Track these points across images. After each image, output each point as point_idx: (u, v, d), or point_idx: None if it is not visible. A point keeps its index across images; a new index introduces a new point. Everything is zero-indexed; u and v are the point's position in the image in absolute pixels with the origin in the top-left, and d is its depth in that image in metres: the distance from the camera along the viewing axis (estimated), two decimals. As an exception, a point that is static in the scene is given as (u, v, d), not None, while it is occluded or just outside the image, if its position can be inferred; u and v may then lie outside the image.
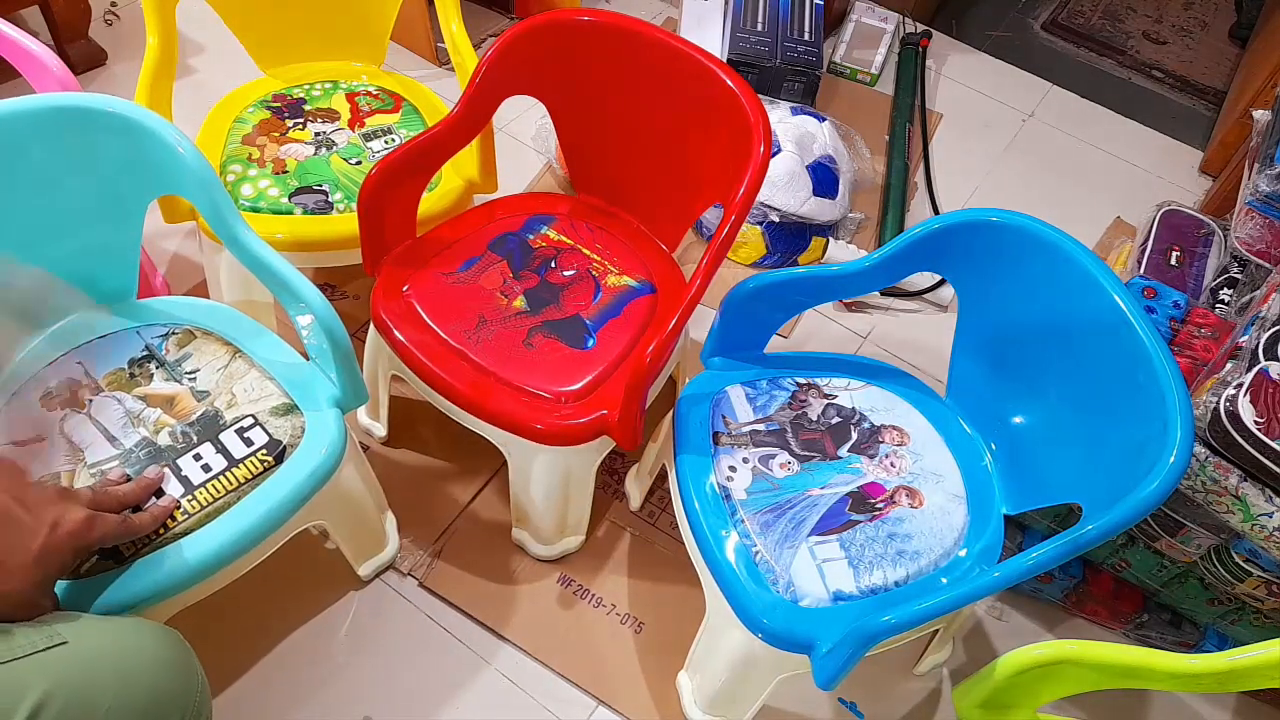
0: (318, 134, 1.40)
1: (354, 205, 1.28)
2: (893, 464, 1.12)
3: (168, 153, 0.98)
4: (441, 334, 1.17)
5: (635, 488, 1.42)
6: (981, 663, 1.06)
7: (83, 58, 1.91)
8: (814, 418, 1.16)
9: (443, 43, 1.69)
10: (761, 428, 1.14)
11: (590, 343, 1.18)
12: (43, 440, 0.98)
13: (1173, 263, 1.59)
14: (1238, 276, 1.49)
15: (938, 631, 1.25)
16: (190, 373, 1.06)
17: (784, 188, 1.69)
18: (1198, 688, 0.88)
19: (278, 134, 1.39)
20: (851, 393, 1.19)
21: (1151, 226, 1.66)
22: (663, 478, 1.39)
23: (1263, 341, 1.12)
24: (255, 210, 1.30)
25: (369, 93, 1.48)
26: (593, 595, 1.33)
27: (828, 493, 1.09)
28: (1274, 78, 1.97)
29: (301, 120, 1.42)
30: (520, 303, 1.21)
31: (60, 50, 1.87)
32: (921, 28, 2.33)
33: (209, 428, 1.01)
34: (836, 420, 1.16)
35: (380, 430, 1.44)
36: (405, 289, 1.21)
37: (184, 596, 0.95)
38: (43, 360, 1.05)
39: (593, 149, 1.33)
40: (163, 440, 1.00)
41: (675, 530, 1.33)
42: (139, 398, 1.03)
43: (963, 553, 1.06)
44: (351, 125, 1.42)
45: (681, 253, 1.75)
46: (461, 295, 1.21)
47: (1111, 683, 0.91)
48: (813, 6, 2.05)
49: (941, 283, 1.77)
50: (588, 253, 1.28)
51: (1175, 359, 0.93)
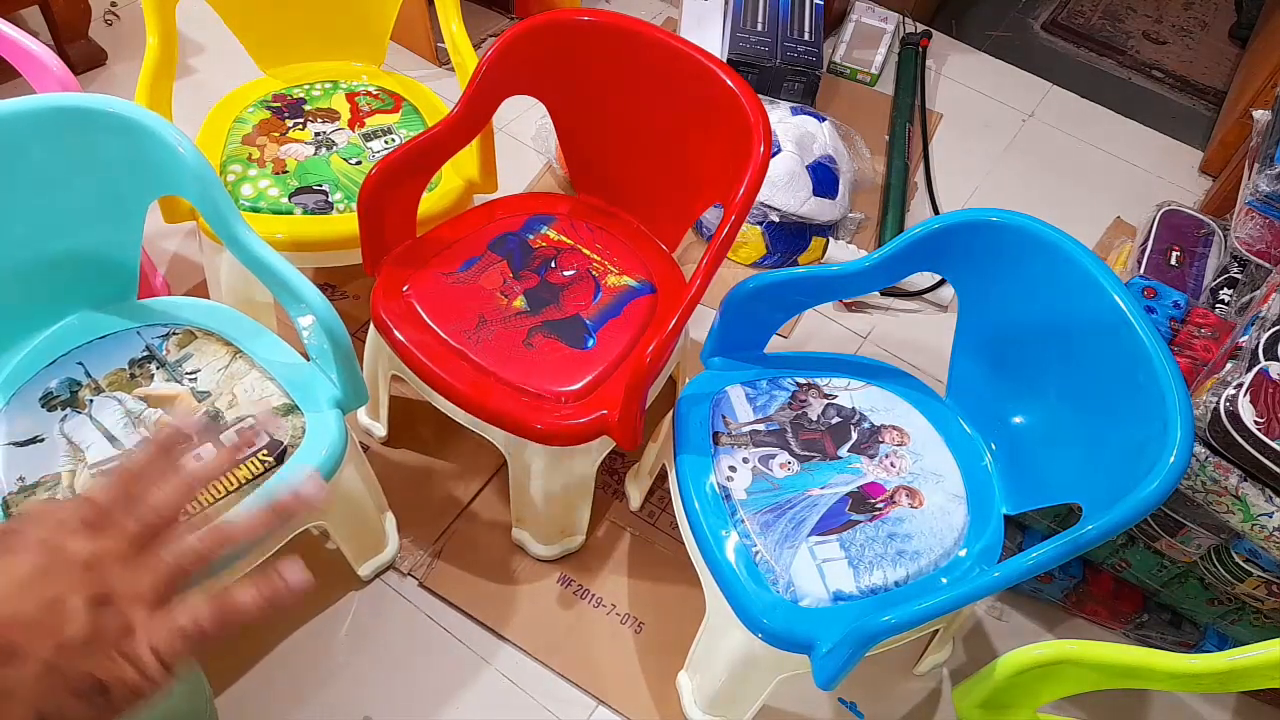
0: (318, 134, 1.40)
1: (354, 205, 1.28)
2: (893, 464, 1.12)
3: (168, 153, 0.98)
4: (441, 334, 1.17)
5: (635, 488, 1.42)
6: (981, 663, 1.06)
7: (83, 58, 1.91)
8: (814, 418, 1.16)
9: (443, 43, 1.69)
10: (761, 428, 1.14)
11: (590, 343, 1.18)
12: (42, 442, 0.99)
13: (1173, 263, 1.59)
14: (1238, 276, 1.49)
15: (938, 631, 1.25)
16: (191, 373, 1.06)
17: (784, 188, 1.69)
18: (1198, 688, 0.88)
19: (278, 134, 1.39)
20: (851, 393, 1.19)
21: (1151, 226, 1.66)
22: (663, 478, 1.39)
23: (1263, 341, 1.12)
24: (255, 210, 1.30)
25: (369, 93, 1.48)
26: (593, 595, 1.33)
27: (828, 493, 1.08)
28: (1274, 78, 1.97)
29: (301, 120, 1.42)
30: (520, 303, 1.21)
31: (60, 50, 1.87)
32: (921, 28, 2.33)
33: (209, 428, 1.01)
34: (836, 420, 1.16)
35: (380, 430, 1.44)
36: (405, 289, 1.21)
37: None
38: (43, 360, 1.06)
39: (593, 149, 1.33)
40: (163, 440, 1.00)
41: (675, 530, 1.33)
42: (139, 398, 1.03)
43: (963, 553, 1.06)
44: (351, 125, 1.42)
45: (681, 253, 1.75)
46: (461, 295, 1.21)
47: (1111, 683, 0.91)
48: (813, 6, 2.05)
49: (941, 283, 1.77)
50: (588, 253, 1.28)
51: (1175, 359, 0.93)
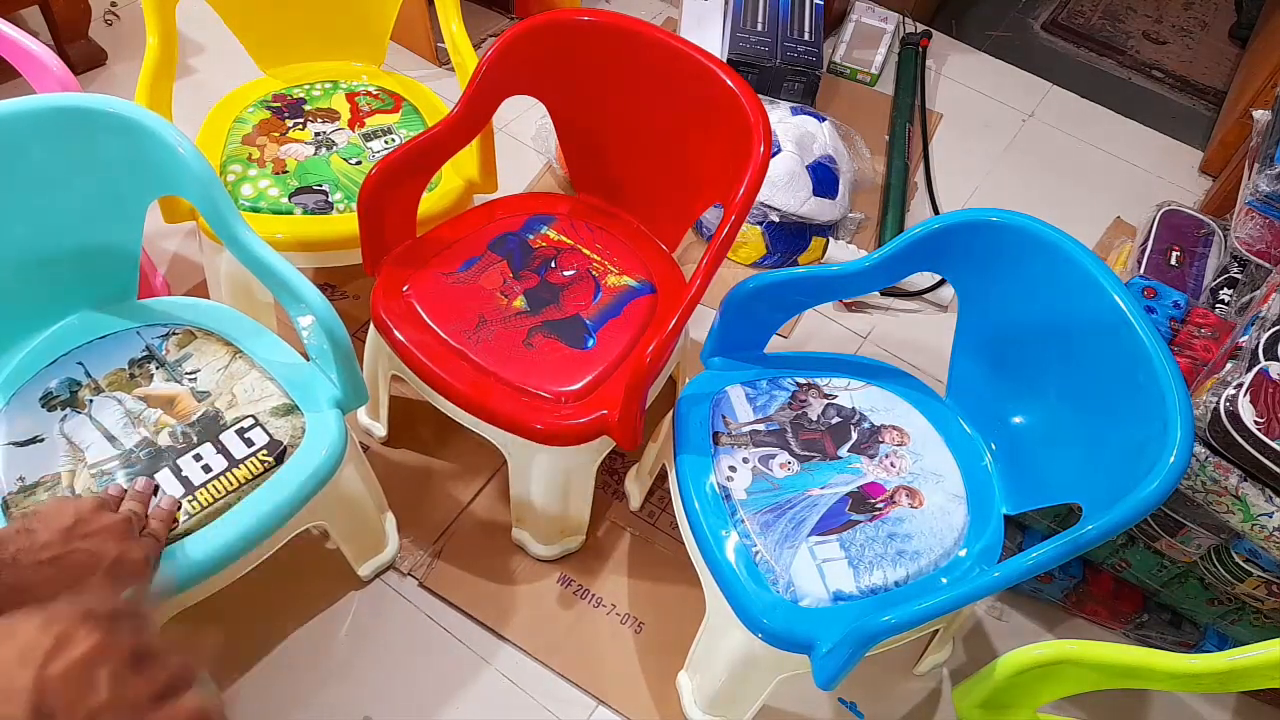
0: (318, 134, 1.40)
1: (354, 205, 1.28)
2: (893, 464, 1.12)
3: (168, 153, 0.98)
4: (441, 334, 1.17)
5: (635, 488, 1.42)
6: (981, 663, 1.06)
7: (83, 58, 1.91)
8: (814, 418, 1.16)
9: (443, 43, 1.69)
10: (761, 428, 1.14)
11: (590, 343, 1.18)
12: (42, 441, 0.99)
13: (1173, 263, 1.59)
14: (1238, 276, 1.49)
15: (938, 631, 1.25)
16: (190, 373, 1.06)
17: (784, 188, 1.69)
18: (1198, 688, 0.88)
19: (278, 134, 1.39)
20: (851, 393, 1.19)
21: (1151, 226, 1.66)
22: (663, 478, 1.39)
23: (1263, 341, 1.12)
24: (255, 210, 1.30)
25: (369, 93, 1.48)
26: (593, 595, 1.33)
27: (828, 493, 1.08)
28: (1274, 78, 1.97)
29: (301, 120, 1.42)
30: (520, 303, 1.21)
31: (60, 50, 1.87)
32: (921, 28, 2.33)
33: (209, 428, 1.01)
34: (836, 420, 1.16)
35: (380, 430, 1.44)
36: (405, 289, 1.21)
37: (184, 597, 0.95)
38: (43, 360, 1.06)
39: (593, 149, 1.33)
40: (163, 440, 1.00)
41: (675, 530, 1.33)
42: (139, 398, 1.03)
43: (963, 553, 1.06)
44: (351, 125, 1.42)
45: (681, 253, 1.75)
46: (461, 295, 1.21)
47: (1111, 683, 0.91)
48: (813, 6, 2.05)
49: (941, 283, 1.77)
50: (588, 253, 1.28)
51: (1175, 359, 0.93)
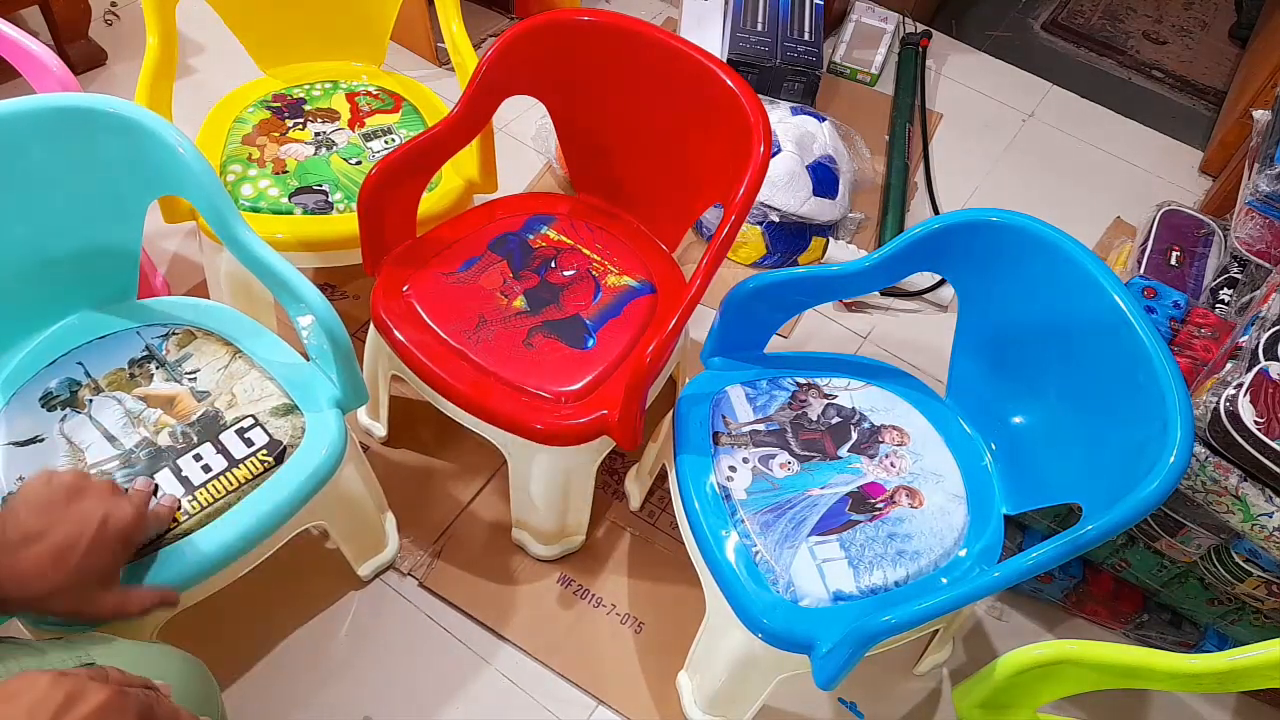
0: (318, 134, 1.40)
1: (354, 205, 1.28)
2: (893, 464, 1.12)
3: (168, 153, 0.98)
4: (441, 334, 1.17)
5: (635, 488, 1.42)
6: (981, 663, 1.06)
7: (83, 58, 1.91)
8: (814, 418, 1.16)
9: (443, 43, 1.69)
10: (761, 428, 1.14)
11: (590, 343, 1.18)
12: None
13: (1173, 263, 1.59)
14: (1238, 276, 1.49)
15: (938, 631, 1.25)
16: (190, 373, 1.06)
17: (784, 188, 1.69)
18: (1198, 688, 0.88)
19: (278, 134, 1.39)
20: (851, 393, 1.19)
21: (1151, 226, 1.66)
22: (663, 478, 1.39)
23: (1263, 341, 1.12)
24: (255, 210, 1.30)
25: (369, 93, 1.48)
26: (593, 595, 1.33)
27: (828, 493, 1.09)
28: (1274, 78, 1.97)
29: (301, 120, 1.42)
30: (520, 303, 1.21)
31: (60, 50, 1.87)
32: (921, 28, 2.33)
33: (209, 428, 1.01)
34: (836, 420, 1.16)
35: (380, 430, 1.44)
36: (405, 289, 1.21)
37: (185, 596, 0.94)
38: (43, 360, 1.06)
39: (593, 149, 1.33)
40: (163, 440, 1.00)
41: (675, 530, 1.33)
42: (139, 398, 1.03)
43: (963, 553, 1.06)
44: (351, 125, 1.42)
45: (681, 253, 1.75)
46: (461, 295, 1.21)
47: (1111, 683, 0.91)
48: (813, 6, 2.05)
49: (941, 283, 1.77)
50: (588, 253, 1.28)
51: (1175, 359, 0.93)
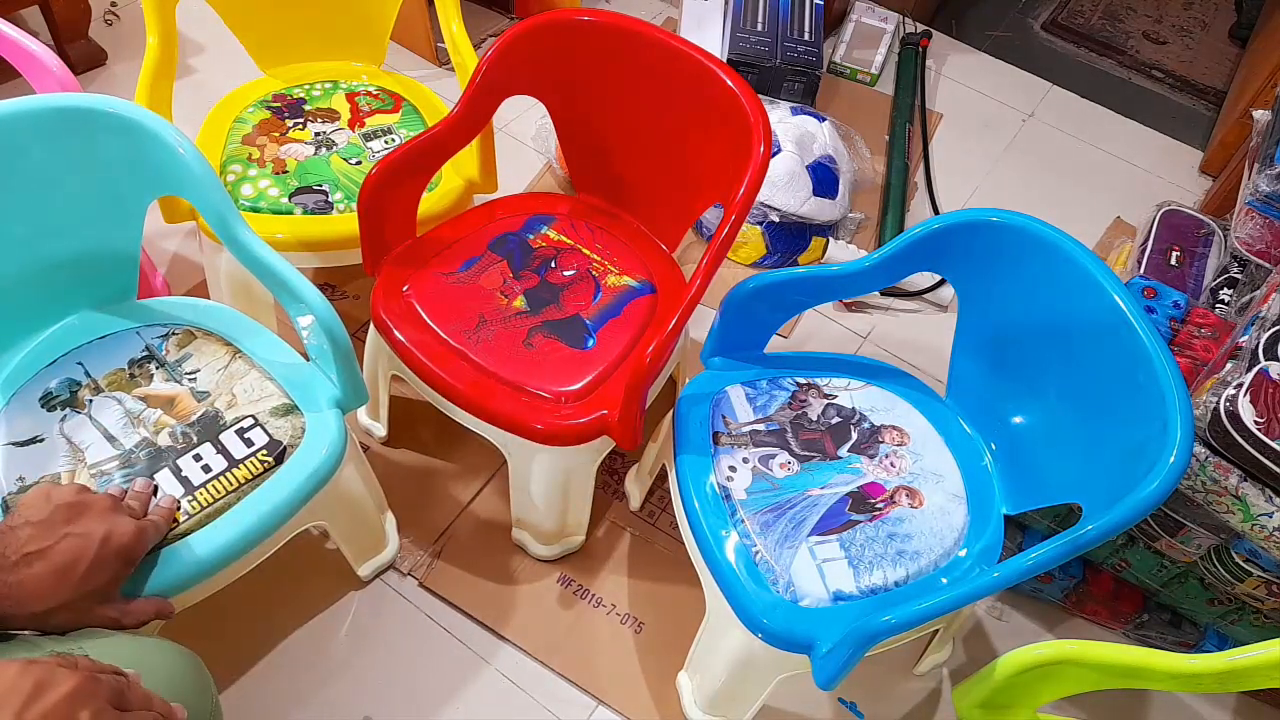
0: (318, 134, 1.40)
1: (354, 205, 1.28)
2: (893, 464, 1.12)
3: (168, 153, 0.98)
4: (441, 334, 1.17)
5: (635, 488, 1.42)
6: (981, 663, 1.06)
7: (83, 58, 1.91)
8: (814, 418, 1.16)
9: (443, 43, 1.69)
10: (761, 428, 1.14)
11: (590, 343, 1.18)
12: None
13: (1173, 263, 1.59)
14: (1238, 276, 1.49)
15: (938, 631, 1.25)
16: (190, 373, 1.06)
17: (784, 188, 1.69)
18: (1198, 688, 0.88)
19: (278, 134, 1.39)
20: (851, 393, 1.19)
21: (1151, 226, 1.66)
22: (663, 478, 1.39)
23: (1263, 341, 1.12)
24: (255, 210, 1.30)
25: (369, 93, 1.48)
26: (593, 595, 1.33)
27: (828, 493, 1.09)
28: (1274, 78, 1.97)
29: (301, 120, 1.42)
30: (520, 303, 1.22)
31: (60, 50, 1.87)
32: (921, 28, 2.33)
33: (209, 428, 1.01)
34: (836, 420, 1.16)
35: (380, 430, 1.44)
36: (405, 289, 1.21)
37: (184, 597, 0.94)
38: (43, 360, 1.06)
39: (593, 149, 1.33)
40: (163, 441, 1.00)
41: (675, 530, 1.33)
42: (139, 398, 1.03)
43: (963, 553, 1.06)
44: (351, 125, 1.42)
45: (681, 253, 1.75)
46: (461, 295, 1.21)
47: (1111, 683, 0.91)
48: (813, 6, 2.05)
49: (941, 283, 1.77)
50: (588, 253, 1.28)
51: (1175, 359, 0.93)
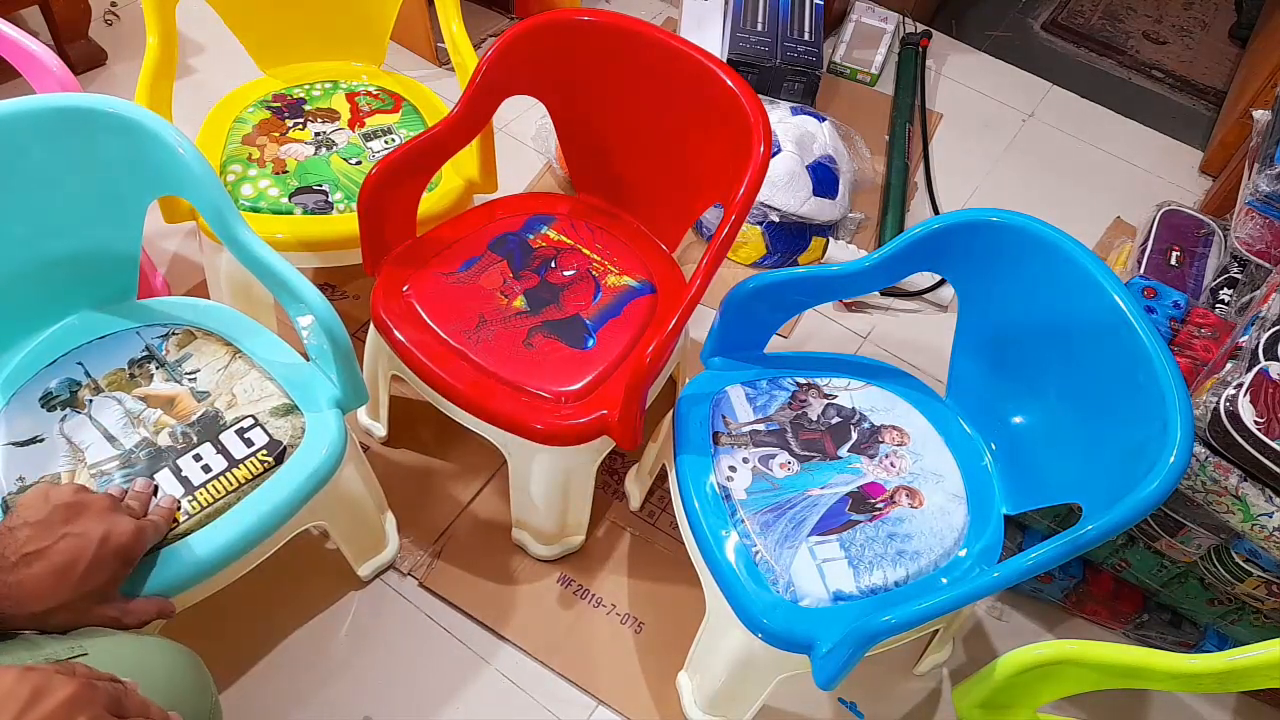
0: (318, 134, 1.40)
1: (354, 205, 1.28)
2: (893, 464, 1.12)
3: (168, 153, 0.98)
4: (441, 334, 1.17)
5: (635, 488, 1.42)
6: (981, 663, 1.06)
7: (83, 58, 1.91)
8: (814, 418, 1.16)
9: (443, 43, 1.69)
10: (761, 428, 1.14)
11: (590, 343, 1.18)
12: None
13: (1173, 263, 1.59)
14: (1238, 276, 1.49)
15: (938, 631, 1.25)
16: (190, 373, 1.06)
17: (784, 188, 1.69)
18: (1198, 688, 0.88)
19: (278, 134, 1.39)
20: (851, 393, 1.19)
21: (1151, 226, 1.66)
22: (663, 478, 1.39)
23: (1263, 341, 1.12)
24: (255, 210, 1.30)
25: (369, 93, 1.48)
26: (593, 595, 1.33)
27: (828, 493, 1.09)
28: (1274, 78, 1.97)
29: (301, 120, 1.42)
30: (520, 303, 1.22)
31: (60, 50, 1.87)
32: (921, 28, 2.33)
33: (209, 428, 1.01)
34: (836, 420, 1.16)
35: (380, 430, 1.44)
36: (405, 289, 1.21)
37: (185, 597, 0.95)
38: (43, 360, 1.06)
39: (593, 149, 1.33)
40: (163, 441, 1.00)
41: (675, 530, 1.33)
42: (139, 398, 1.03)
43: (963, 553, 1.06)
44: (351, 125, 1.42)
45: (681, 253, 1.75)
46: (461, 295, 1.21)
47: (1111, 683, 0.91)
48: (813, 6, 2.05)
49: (941, 283, 1.77)
50: (588, 253, 1.28)
51: (1175, 359, 0.93)
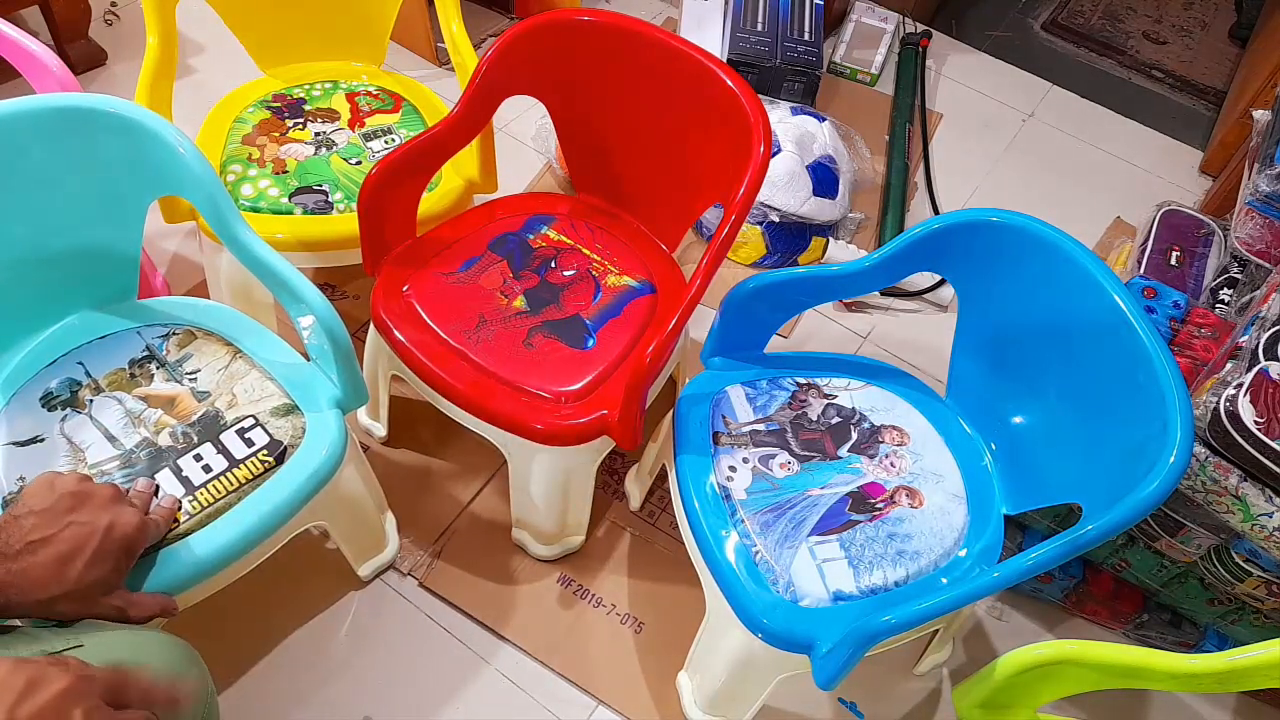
0: (318, 134, 1.40)
1: (354, 205, 1.28)
2: (893, 464, 1.12)
3: (168, 153, 0.98)
4: (441, 334, 1.17)
5: (635, 488, 1.42)
6: (981, 663, 1.06)
7: (83, 58, 1.91)
8: (814, 418, 1.16)
9: (443, 43, 1.69)
10: (761, 428, 1.14)
11: (590, 343, 1.18)
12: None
13: (1173, 263, 1.59)
14: (1238, 276, 1.49)
15: (938, 631, 1.25)
16: (191, 373, 1.06)
17: (784, 188, 1.69)
18: (1198, 688, 0.88)
19: (278, 134, 1.39)
20: (851, 393, 1.19)
21: (1151, 226, 1.66)
22: (663, 478, 1.39)
23: (1263, 341, 1.12)
24: (255, 210, 1.30)
25: (369, 93, 1.48)
26: (593, 595, 1.33)
27: (828, 493, 1.09)
28: (1274, 78, 1.97)
29: (301, 120, 1.42)
30: (520, 303, 1.22)
31: (60, 50, 1.87)
32: (921, 28, 2.33)
33: (210, 428, 1.01)
34: (836, 420, 1.16)
35: (380, 430, 1.44)
36: (405, 289, 1.21)
37: (185, 596, 0.95)
38: (43, 360, 1.06)
39: (593, 149, 1.33)
40: (163, 441, 1.00)
41: (675, 530, 1.33)
42: (140, 398, 1.04)
43: (963, 553, 1.06)
44: (351, 125, 1.42)
45: (681, 253, 1.75)
46: (461, 295, 1.21)
47: (1111, 683, 0.91)
48: (813, 6, 2.05)
49: (941, 283, 1.77)
50: (588, 253, 1.28)
51: (1175, 359, 0.93)
